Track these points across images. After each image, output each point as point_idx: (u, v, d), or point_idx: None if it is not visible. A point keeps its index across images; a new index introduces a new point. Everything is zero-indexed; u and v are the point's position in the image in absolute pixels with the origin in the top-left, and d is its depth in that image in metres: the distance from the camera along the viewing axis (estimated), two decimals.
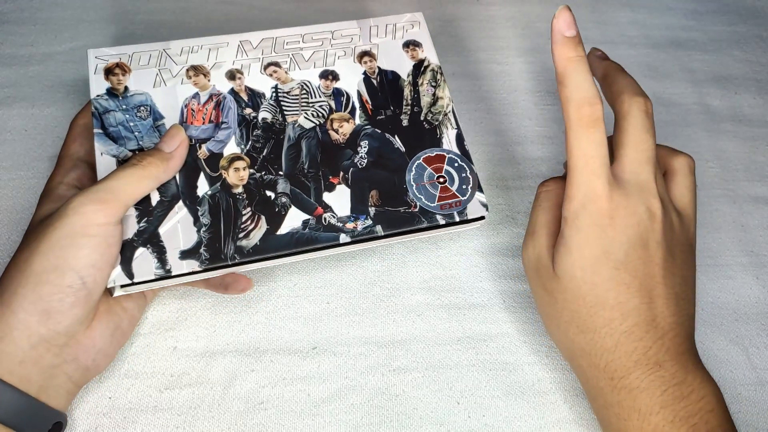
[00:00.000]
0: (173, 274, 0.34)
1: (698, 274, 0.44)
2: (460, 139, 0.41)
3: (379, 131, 0.40)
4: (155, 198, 0.36)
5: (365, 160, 0.39)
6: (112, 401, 0.37)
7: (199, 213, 0.36)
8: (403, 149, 0.40)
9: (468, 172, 0.40)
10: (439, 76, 0.43)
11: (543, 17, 0.57)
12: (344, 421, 0.37)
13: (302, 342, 0.40)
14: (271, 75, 0.41)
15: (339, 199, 0.38)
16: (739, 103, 0.53)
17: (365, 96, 0.41)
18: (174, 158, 0.36)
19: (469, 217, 0.38)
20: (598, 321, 0.33)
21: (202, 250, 0.35)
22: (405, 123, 0.41)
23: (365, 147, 0.39)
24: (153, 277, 0.34)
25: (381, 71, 0.42)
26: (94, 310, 0.33)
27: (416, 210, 0.38)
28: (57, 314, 0.31)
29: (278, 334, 0.40)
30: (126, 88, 0.39)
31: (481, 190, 0.39)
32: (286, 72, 0.41)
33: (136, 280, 0.34)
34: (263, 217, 0.37)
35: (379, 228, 0.37)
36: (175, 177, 0.37)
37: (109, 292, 0.34)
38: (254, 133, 0.39)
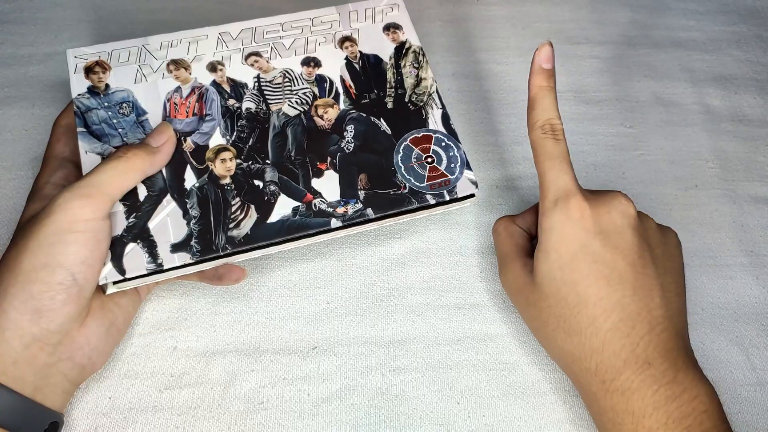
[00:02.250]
0: (165, 267, 0.34)
1: (698, 274, 0.44)
2: (446, 119, 0.41)
3: (365, 115, 0.40)
4: (143, 193, 0.36)
5: (352, 144, 0.39)
6: (111, 401, 0.37)
7: (188, 206, 0.36)
8: (389, 132, 0.40)
9: (455, 150, 0.40)
10: (421, 57, 0.43)
11: (543, 17, 0.57)
12: (344, 421, 0.37)
13: (302, 342, 0.40)
14: (252, 65, 0.41)
15: (328, 185, 0.38)
16: (739, 103, 0.53)
17: (348, 81, 0.42)
18: (160, 153, 0.36)
19: (459, 195, 0.38)
20: (582, 321, 0.33)
21: (193, 243, 0.35)
22: (390, 105, 0.41)
23: (351, 131, 0.40)
24: (145, 272, 0.34)
25: (363, 55, 0.43)
26: (87, 307, 0.33)
27: (406, 191, 0.38)
28: (49, 312, 0.31)
29: (278, 334, 0.40)
30: (107, 85, 0.39)
31: (469, 168, 0.39)
32: (267, 61, 0.41)
33: (127, 275, 0.34)
34: (253, 207, 0.37)
35: (369, 211, 0.37)
36: (161, 171, 0.37)
37: (101, 289, 0.34)
38: (239, 124, 0.39)
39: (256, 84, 0.41)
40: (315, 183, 0.38)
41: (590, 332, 0.33)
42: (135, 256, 0.34)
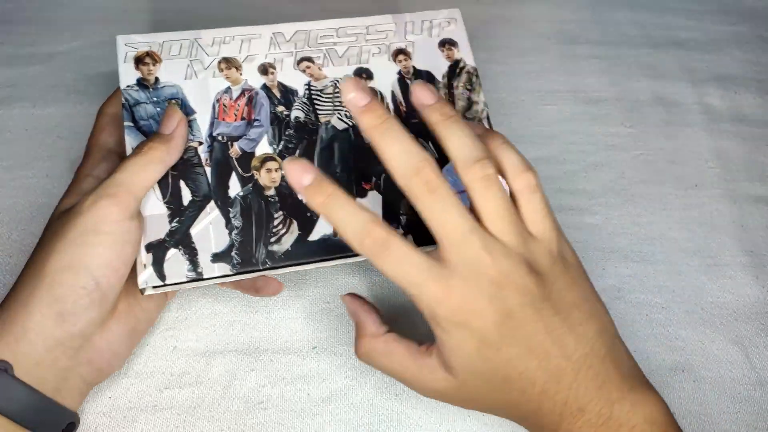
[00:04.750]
0: (204, 277, 0.34)
1: (698, 274, 0.44)
2: None
3: (413, 135, 0.37)
4: (187, 197, 0.35)
5: None
6: (112, 401, 0.37)
7: (231, 215, 0.35)
8: (436, 155, 0.38)
9: (502, 182, 0.38)
10: (474, 79, 0.41)
11: (543, 17, 0.57)
12: (344, 421, 0.37)
13: (302, 342, 0.40)
14: (304, 71, 0.40)
15: (371, 206, 0.36)
16: (739, 103, 0.53)
17: (399, 98, 0.40)
18: (175, 138, 0.35)
19: None
20: (513, 395, 0.31)
21: (233, 254, 0.34)
22: None
23: None
24: (184, 280, 0.34)
25: (416, 71, 0.41)
26: (111, 312, 0.33)
27: None
28: (71, 317, 0.31)
29: (278, 334, 0.40)
30: (156, 79, 0.38)
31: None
32: (319, 68, 0.40)
33: (167, 282, 0.33)
34: (295, 222, 0.36)
35: (410, 238, 0.36)
36: (206, 175, 0.36)
37: (140, 291, 0.34)
38: (286, 133, 0.38)
39: (307, 92, 0.39)
40: (360, 202, 0.36)
41: (523, 401, 0.31)
42: (176, 262, 0.34)
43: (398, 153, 0.30)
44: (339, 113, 0.39)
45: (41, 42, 0.50)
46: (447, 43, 0.42)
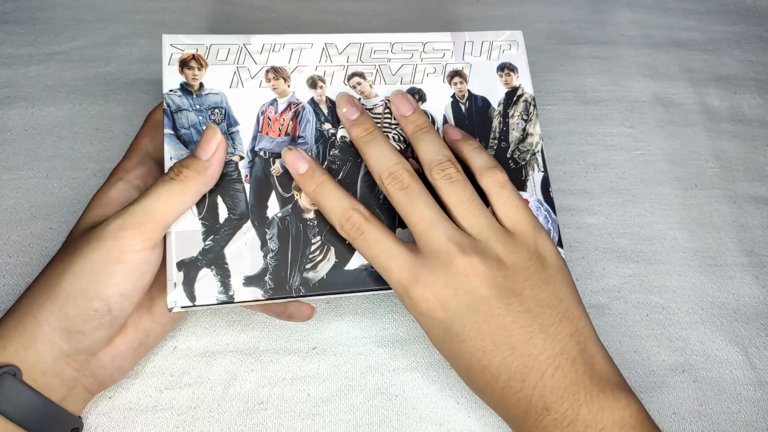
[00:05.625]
0: (236, 300, 0.33)
1: (698, 274, 0.44)
2: (545, 184, 0.38)
3: (461, 165, 0.35)
4: (223, 214, 0.34)
5: None
6: (112, 401, 0.37)
7: (267, 236, 0.34)
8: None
9: (549, 222, 0.37)
10: (531, 109, 0.39)
11: (543, 17, 0.57)
12: (344, 421, 0.37)
13: (302, 342, 0.40)
14: (354, 87, 0.38)
15: (411, 237, 0.34)
16: (739, 103, 0.53)
17: (451, 123, 0.38)
18: (212, 166, 0.33)
19: None
20: (480, 384, 0.32)
21: (267, 278, 0.33)
22: None
23: None
24: (215, 302, 0.32)
25: (471, 96, 0.39)
26: (118, 331, 0.33)
27: None
28: (79, 334, 0.31)
29: (278, 334, 0.40)
30: (201, 84, 0.36)
31: (560, 245, 0.36)
32: (370, 85, 0.38)
33: (198, 303, 0.32)
34: (332, 249, 0.34)
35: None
36: (245, 193, 0.34)
37: (168, 309, 0.33)
38: (331, 153, 0.36)
39: None
40: (399, 233, 0.35)
41: (489, 392, 0.32)
42: (207, 283, 0.32)
43: (377, 158, 0.34)
44: (389, 135, 0.37)
45: (41, 42, 0.50)
46: (506, 68, 0.40)
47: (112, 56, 0.49)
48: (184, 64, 0.36)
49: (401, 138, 0.37)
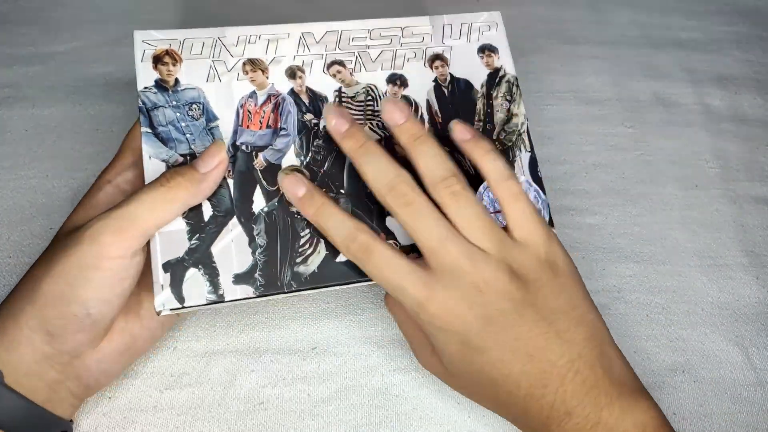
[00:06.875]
0: (226, 299, 0.32)
1: (698, 274, 0.44)
2: (533, 164, 0.37)
3: (448, 149, 0.34)
4: (208, 212, 0.33)
5: None
6: (111, 401, 0.37)
7: (255, 232, 0.33)
8: (472, 171, 0.36)
9: (539, 202, 0.37)
10: (515, 89, 0.39)
11: (543, 17, 0.57)
12: (344, 421, 0.37)
13: (302, 342, 0.40)
14: (334, 75, 0.37)
15: (400, 228, 0.34)
16: (739, 103, 0.53)
17: (435, 107, 0.37)
18: (207, 181, 0.32)
19: None
20: (501, 395, 0.32)
21: (257, 275, 0.33)
22: None
23: None
24: (204, 302, 0.32)
25: (453, 79, 0.38)
26: (102, 334, 0.32)
27: None
28: (60, 337, 0.31)
29: (278, 334, 0.40)
30: (176, 80, 0.35)
31: (551, 224, 0.36)
32: (350, 73, 0.37)
33: (186, 304, 0.32)
34: (322, 242, 0.34)
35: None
36: (229, 189, 0.34)
37: (156, 312, 0.32)
38: (315, 144, 0.35)
39: (337, 98, 0.36)
40: (389, 222, 0.34)
41: (510, 402, 0.32)
42: (195, 283, 0.32)
43: (375, 172, 0.32)
44: (371, 123, 0.37)
45: (41, 42, 0.50)
46: (487, 49, 0.40)
47: (112, 56, 0.49)
48: (157, 60, 0.35)
49: (384, 125, 0.37)
